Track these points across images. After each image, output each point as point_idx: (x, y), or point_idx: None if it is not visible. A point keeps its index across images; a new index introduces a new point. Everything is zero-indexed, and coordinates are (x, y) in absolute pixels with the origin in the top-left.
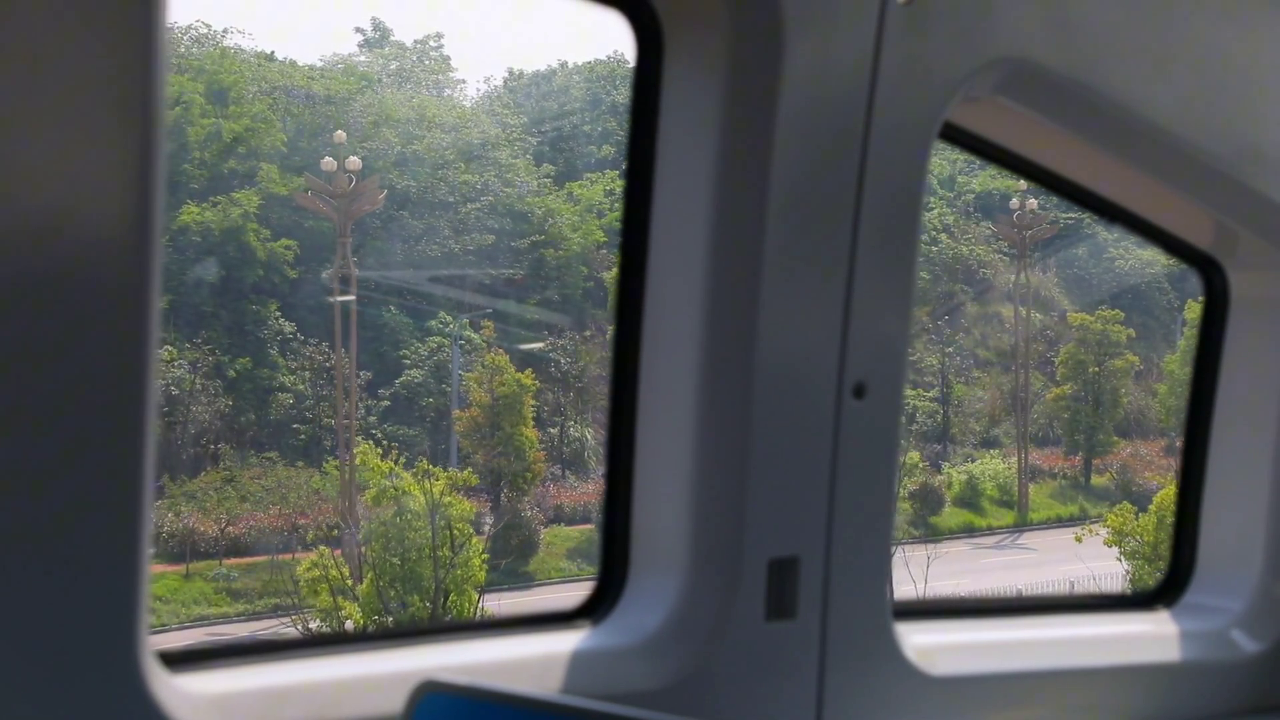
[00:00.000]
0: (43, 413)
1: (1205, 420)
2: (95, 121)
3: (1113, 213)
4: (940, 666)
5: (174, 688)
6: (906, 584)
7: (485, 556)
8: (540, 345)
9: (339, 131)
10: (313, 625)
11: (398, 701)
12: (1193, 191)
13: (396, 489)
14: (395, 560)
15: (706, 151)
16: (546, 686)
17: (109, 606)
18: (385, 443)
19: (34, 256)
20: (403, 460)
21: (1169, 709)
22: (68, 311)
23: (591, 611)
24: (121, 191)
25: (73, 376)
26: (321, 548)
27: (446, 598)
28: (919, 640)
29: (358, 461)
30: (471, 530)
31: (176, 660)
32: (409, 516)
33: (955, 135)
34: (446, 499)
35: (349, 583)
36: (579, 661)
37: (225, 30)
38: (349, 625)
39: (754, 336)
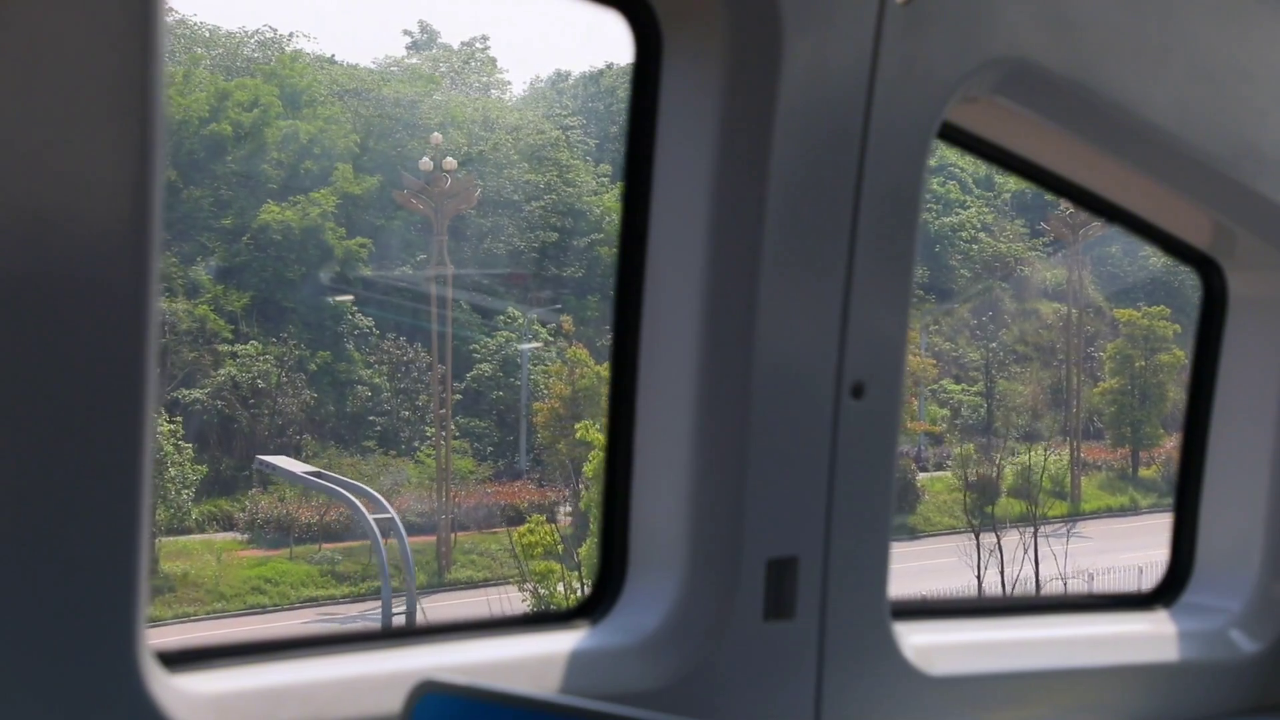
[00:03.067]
0: (41, 412)
1: (1204, 420)
2: (95, 121)
3: (1111, 213)
4: (939, 666)
5: (173, 687)
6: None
7: None
8: (540, 345)
9: (435, 134)
10: (530, 587)
11: (397, 701)
12: (1191, 191)
13: None
14: None
15: (705, 151)
16: (545, 686)
17: (108, 606)
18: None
19: (32, 256)
20: None
21: (1168, 709)
22: (66, 311)
23: (590, 611)
24: (121, 191)
25: (72, 376)
26: (535, 515)
27: None
28: (917, 640)
29: (577, 436)
30: None
31: (175, 660)
32: None
33: (954, 135)
34: None
35: (561, 547)
36: (578, 661)
37: (290, 34)
38: (561, 588)
39: (752, 336)
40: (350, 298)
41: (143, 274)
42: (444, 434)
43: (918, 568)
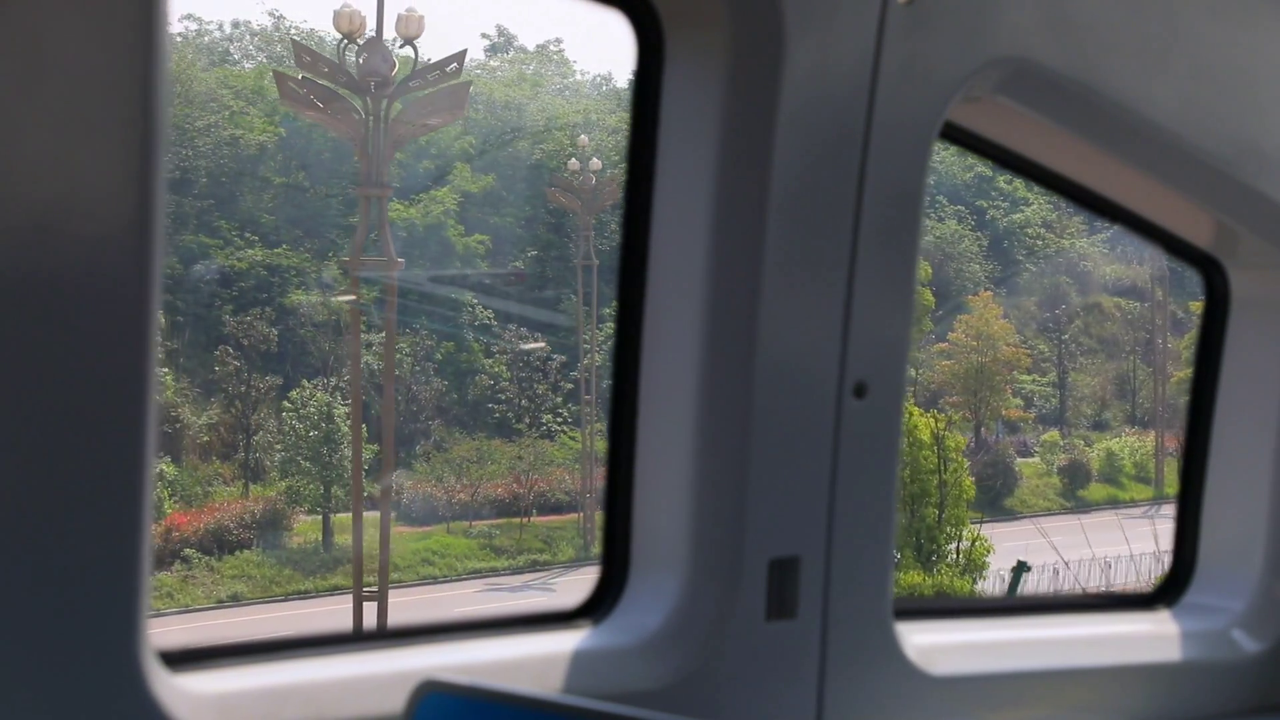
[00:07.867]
0: (42, 412)
1: (1206, 420)
2: (95, 121)
3: (1113, 212)
4: (940, 666)
5: (174, 687)
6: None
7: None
8: (542, 345)
9: (582, 136)
10: None
11: (398, 701)
12: (1193, 191)
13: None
14: (905, 475)
15: (707, 151)
16: (546, 686)
17: (109, 606)
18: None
19: (33, 256)
20: None
21: (1169, 709)
22: (67, 311)
23: (592, 611)
24: (121, 190)
25: (72, 376)
26: None
27: (944, 510)
28: (919, 640)
29: None
30: (963, 457)
31: (177, 660)
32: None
33: (955, 135)
34: (944, 431)
35: None
36: (579, 661)
37: (394, 40)
38: None
39: (754, 336)
40: (352, 297)
41: (145, 274)
42: (589, 418)
43: (1028, 545)
